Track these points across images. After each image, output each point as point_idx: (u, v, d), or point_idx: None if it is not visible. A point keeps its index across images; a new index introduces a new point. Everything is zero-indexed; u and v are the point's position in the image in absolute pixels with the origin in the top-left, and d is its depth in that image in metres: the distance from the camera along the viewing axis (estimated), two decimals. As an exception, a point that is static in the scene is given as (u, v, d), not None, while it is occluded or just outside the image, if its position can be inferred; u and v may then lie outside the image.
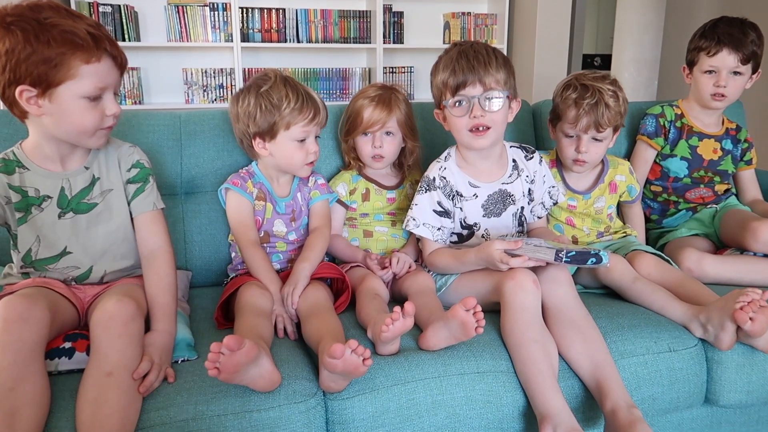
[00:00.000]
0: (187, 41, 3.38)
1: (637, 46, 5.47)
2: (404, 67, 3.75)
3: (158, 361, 0.97)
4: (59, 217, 1.09)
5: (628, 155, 1.72)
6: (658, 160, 1.67)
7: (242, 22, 3.41)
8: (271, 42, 3.49)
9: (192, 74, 3.46)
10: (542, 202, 1.40)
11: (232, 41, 3.39)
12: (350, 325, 1.16)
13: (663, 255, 1.37)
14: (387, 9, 3.57)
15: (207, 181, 1.47)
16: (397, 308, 0.99)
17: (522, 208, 1.37)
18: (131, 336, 0.95)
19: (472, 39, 3.75)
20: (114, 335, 0.93)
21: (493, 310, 1.14)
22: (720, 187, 1.64)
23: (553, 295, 1.12)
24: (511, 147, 1.39)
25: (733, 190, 1.69)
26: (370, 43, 3.61)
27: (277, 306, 1.19)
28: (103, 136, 1.07)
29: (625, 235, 1.52)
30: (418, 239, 1.37)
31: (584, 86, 1.36)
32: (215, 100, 3.50)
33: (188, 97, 3.48)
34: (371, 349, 1.07)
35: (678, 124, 1.65)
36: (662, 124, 1.65)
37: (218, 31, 3.41)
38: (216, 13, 3.38)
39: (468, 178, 1.33)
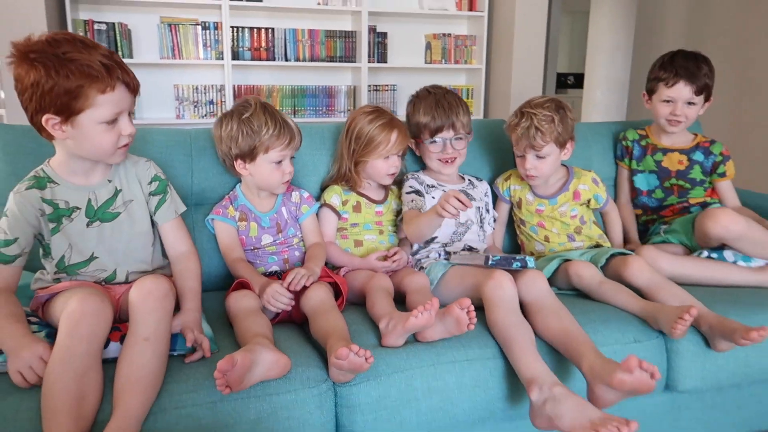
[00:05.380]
0: (179, 58, 3.49)
1: (609, 66, 5.75)
2: (388, 85, 3.91)
3: (199, 332, 1.15)
4: (87, 225, 1.21)
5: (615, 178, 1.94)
6: (632, 177, 1.86)
7: (233, 41, 3.54)
8: (261, 60, 3.62)
9: (183, 90, 3.57)
10: (493, 216, 1.73)
11: (222, 59, 3.51)
12: (357, 321, 1.29)
13: (626, 251, 1.55)
14: (372, 29, 3.73)
15: (215, 194, 1.59)
16: (429, 303, 1.13)
17: (481, 207, 1.68)
18: (165, 310, 1.09)
19: (453, 60, 3.95)
20: (151, 308, 1.06)
21: (477, 306, 1.29)
22: (694, 199, 1.79)
23: (531, 292, 1.29)
24: (465, 175, 1.75)
25: (710, 201, 1.80)
26: (355, 62, 3.76)
27: (269, 293, 1.28)
28: (122, 154, 1.19)
29: (597, 245, 1.69)
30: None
31: (522, 113, 1.59)
32: (205, 115, 3.61)
33: (179, 112, 3.58)
34: (377, 341, 1.20)
35: (643, 143, 1.84)
36: (625, 145, 1.87)
37: (209, 49, 3.53)
38: (207, 31, 3.51)
39: (437, 180, 1.68)
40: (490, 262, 1.34)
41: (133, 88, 1.14)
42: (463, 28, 4.03)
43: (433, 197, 1.62)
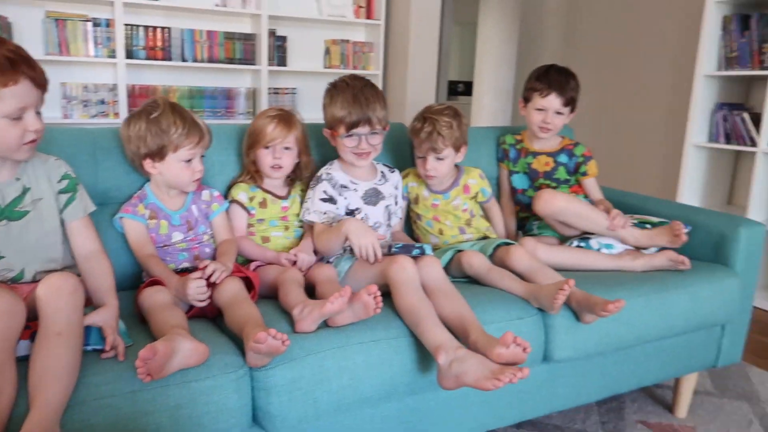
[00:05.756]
0: (67, 55, 3.35)
1: (495, 75, 6.16)
2: (287, 89, 3.97)
3: (116, 332, 1.16)
4: None
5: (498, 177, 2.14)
6: (510, 177, 2.07)
7: (126, 39, 3.44)
8: (156, 60, 3.55)
9: (71, 89, 3.42)
10: (401, 206, 1.81)
11: (115, 57, 3.41)
12: (269, 312, 1.36)
13: (512, 241, 1.75)
14: (271, 33, 3.78)
15: (122, 193, 1.59)
16: (344, 290, 1.24)
17: (390, 204, 1.76)
18: (75, 304, 1.10)
19: (351, 65, 4.08)
20: (62, 303, 1.07)
21: (382, 293, 1.41)
22: None
23: (429, 276, 1.44)
24: (378, 164, 1.80)
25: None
26: (254, 64, 3.79)
27: (194, 291, 1.32)
28: (28, 150, 1.20)
29: (485, 236, 1.87)
30: (311, 225, 1.66)
31: (424, 118, 1.75)
32: (96, 115, 3.49)
33: (67, 111, 3.43)
34: (291, 328, 1.29)
35: (518, 147, 2.07)
36: (504, 148, 2.10)
37: (100, 46, 3.42)
38: (98, 28, 3.39)
39: (350, 177, 1.71)
40: (393, 250, 1.46)
41: (40, 83, 1.15)
42: (360, 35, 4.18)
43: (345, 198, 1.69)
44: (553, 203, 1.78)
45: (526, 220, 2.07)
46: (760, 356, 2.36)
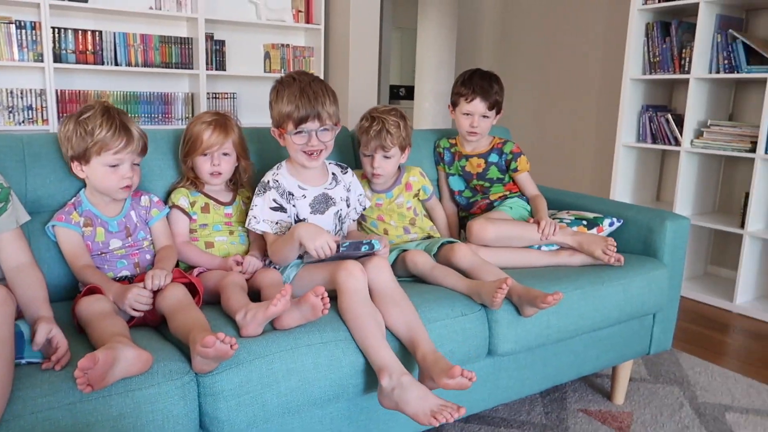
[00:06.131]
0: (-11, 59, 3.19)
1: (434, 80, 6.27)
2: (227, 93, 3.90)
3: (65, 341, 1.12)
4: None
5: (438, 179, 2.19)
6: (448, 180, 2.12)
7: (54, 43, 3.30)
8: (87, 64, 3.43)
9: (-5, 94, 3.26)
10: (355, 207, 1.75)
11: (42, 61, 3.27)
12: (213, 318, 1.33)
13: (455, 240, 1.79)
14: (209, 37, 3.71)
15: (54, 201, 1.53)
16: (284, 289, 1.22)
17: (341, 209, 1.68)
18: (5, 315, 1.04)
19: (292, 69, 4.05)
20: None
21: (330, 297, 1.41)
22: (494, 196, 2.10)
23: (378, 280, 1.43)
24: (330, 164, 1.73)
25: (510, 195, 2.12)
26: (192, 68, 3.71)
27: (132, 298, 1.29)
28: None
29: (429, 236, 1.91)
30: (262, 235, 1.61)
31: (373, 117, 1.78)
32: (23, 122, 3.33)
33: (-10, 118, 3.26)
34: (237, 333, 1.27)
35: (452, 150, 2.13)
36: (439, 152, 2.15)
37: (26, 50, 3.26)
38: (23, 31, 3.24)
39: (298, 182, 1.62)
40: (341, 249, 1.42)
41: None
42: (300, 40, 4.16)
43: (293, 206, 1.61)
44: (484, 236, 1.79)
45: (466, 220, 2.12)
46: (688, 343, 2.50)
